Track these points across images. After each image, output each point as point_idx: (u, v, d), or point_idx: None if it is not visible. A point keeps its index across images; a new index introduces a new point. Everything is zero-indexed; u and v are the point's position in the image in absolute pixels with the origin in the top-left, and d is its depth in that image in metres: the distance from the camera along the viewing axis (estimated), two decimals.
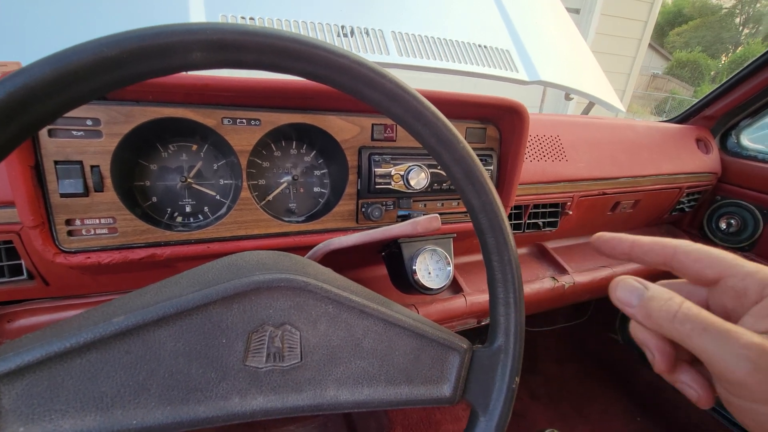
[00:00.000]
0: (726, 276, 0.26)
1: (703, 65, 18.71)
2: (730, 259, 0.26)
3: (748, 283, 0.25)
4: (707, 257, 0.27)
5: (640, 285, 0.27)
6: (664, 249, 0.28)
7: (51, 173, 0.44)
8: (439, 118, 0.32)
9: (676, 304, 0.25)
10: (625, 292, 0.27)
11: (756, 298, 0.25)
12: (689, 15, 24.41)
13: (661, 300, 0.25)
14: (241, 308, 0.30)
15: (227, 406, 0.30)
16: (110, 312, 0.29)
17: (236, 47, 0.26)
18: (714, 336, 0.22)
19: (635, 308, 0.27)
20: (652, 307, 0.25)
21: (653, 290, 0.26)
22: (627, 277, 0.28)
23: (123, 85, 0.25)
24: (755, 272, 0.25)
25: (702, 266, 0.27)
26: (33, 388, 0.25)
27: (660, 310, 0.25)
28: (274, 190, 0.59)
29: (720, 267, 0.26)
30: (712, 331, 0.23)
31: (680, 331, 0.24)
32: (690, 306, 0.24)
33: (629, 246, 0.30)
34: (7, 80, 0.22)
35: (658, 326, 0.25)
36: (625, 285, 0.27)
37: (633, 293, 0.27)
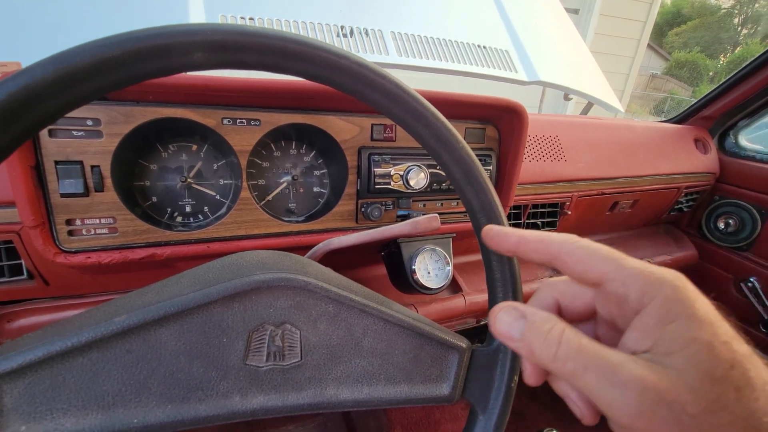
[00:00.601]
0: (606, 280, 0.23)
1: (701, 65, 18.75)
2: (611, 261, 0.23)
3: (628, 289, 0.22)
4: (589, 259, 0.24)
5: (519, 313, 0.24)
6: (547, 248, 0.25)
7: (51, 173, 0.45)
8: (439, 119, 0.32)
9: (555, 338, 0.22)
10: (504, 325, 0.24)
11: (636, 307, 0.22)
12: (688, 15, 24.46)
13: (541, 333, 0.22)
14: (242, 307, 0.30)
15: (228, 404, 0.30)
16: (111, 311, 0.29)
17: (237, 48, 0.26)
18: (595, 374, 0.20)
19: (518, 343, 0.23)
20: (533, 342, 0.22)
21: (532, 318, 0.23)
22: (506, 306, 0.25)
23: (124, 86, 0.25)
24: (635, 275, 0.22)
25: (583, 269, 0.24)
26: (35, 386, 0.25)
27: (541, 348, 0.22)
28: (273, 190, 0.59)
29: (601, 270, 0.23)
30: (592, 369, 0.20)
31: (563, 371, 0.21)
32: (570, 338, 0.21)
33: (515, 243, 0.27)
34: (8, 81, 0.22)
35: (543, 366, 0.22)
36: (504, 316, 0.24)
37: (514, 325, 0.24)
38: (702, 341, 0.19)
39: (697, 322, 0.20)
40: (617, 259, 0.23)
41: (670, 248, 1.23)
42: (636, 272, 0.22)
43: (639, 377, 0.19)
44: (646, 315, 0.21)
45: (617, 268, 0.23)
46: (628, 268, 0.22)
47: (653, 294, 0.21)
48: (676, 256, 1.18)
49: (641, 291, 0.22)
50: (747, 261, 1.17)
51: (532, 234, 0.26)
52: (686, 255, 1.21)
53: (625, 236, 1.21)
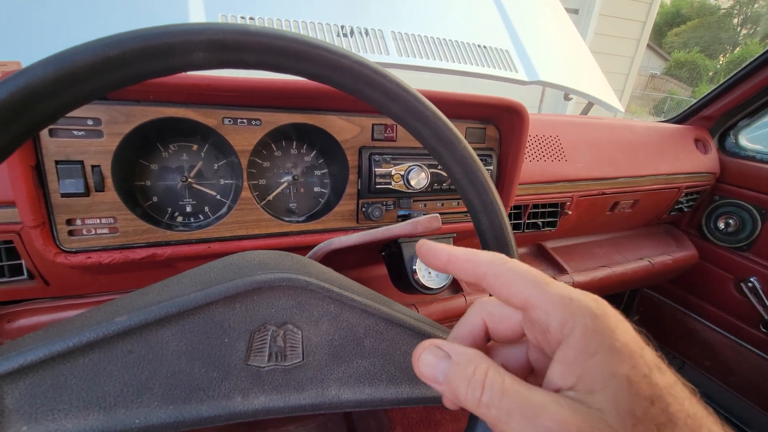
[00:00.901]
0: (529, 306, 0.22)
1: (701, 65, 18.77)
2: (535, 285, 0.22)
3: (549, 318, 0.21)
4: (514, 282, 0.23)
5: (443, 353, 0.22)
6: (474, 268, 0.24)
7: (52, 173, 0.44)
8: (440, 118, 0.32)
9: (479, 382, 0.20)
10: (427, 368, 0.22)
11: (558, 337, 0.21)
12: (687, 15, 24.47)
13: (465, 378, 0.21)
14: (244, 308, 0.30)
15: (229, 405, 0.30)
16: (113, 311, 0.29)
17: (238, 47, 0.26)
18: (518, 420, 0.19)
19: (443, 386, 0.22)
20: (458, 387, 0.21)
21: (456, 360, 0.22)
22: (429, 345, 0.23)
23: (125, 85, 0.25)
24: (556, 303, 0.21)
25: (508, 292, 0.23)
26: (36, 387, 0.25)
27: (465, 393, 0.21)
28: (274, 190, 0.59)
29: (525, 295, 0.22)
30: (515, 414, 0.19)
31: (487, 417, 0.20)
32: (493, 381, 0.20)
33: (445, 261, 0.26)
34: (9, 80, 0.22)
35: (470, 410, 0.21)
36: (428, 356, 0.23)
37: (438, 367, 0.22)
38: (621, 377, 0.19)
39: (616, 355, 0.19)
40: (541, 284, 0.22)
41: (670, 248, 1.23)
42: (557, 299, 0.21)
43: (561, 421, 0.18)
44: (568, 347, 0.20)
45: (540, 294, 0.22)
46: (550, 294, 0.21)
47: (573, 324, 0.20)
48: (676, 256, 1.18)
49: (561, 321, 0.21)
50: (747, 261, 1.17)
51: (462, 252, 0.25)
52: (686, 255, 1.21)
53: (626, 236, 1.21)
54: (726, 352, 1.25)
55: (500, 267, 0.23)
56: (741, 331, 1.20)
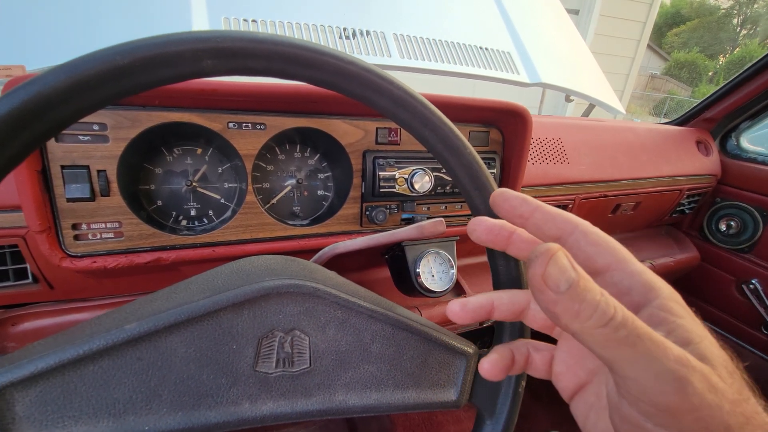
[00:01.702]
0: (613, 269, 0.24)
1: (700, 66, 18.78)
2: (622, 253, 0.24)
3: (633, 283, 0.23)
4: (603, 244, 0.24)
5: (571, 267, 0.20)
6: (565, 223, 0.25)
7: (58, 178, 0.45)
8: (446, 124, 0.32)
9: (611, 305, 0.19)
10: (556, 271, 0.20)
11: (640, 301, 0.23)
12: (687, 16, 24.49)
13: (595, 294, 0.19)
14: (251, 314, 0.30)
15: (238, 411, 0.30)
16: (122, 318, 0.29)
17: (246, 55, 0.26)
18: (644, 348, 0.19)
19: (561, 295, 0.20)
20: (585, 300, 0.19)
21: (585, 279, 0.20)
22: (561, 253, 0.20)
23: (134, 93, 0.25)
24: (640, 272, 0.23)
25: (595, 251, 0.24)
26: (47, 394, 0.25)
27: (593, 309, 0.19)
28: (278, 194, 0.59)
29: (611, 258, 0.24)
30: (645, 340, 0.19)
31: (613, 337, 0.19)
32: (624, 309, 0.20)
33: (532, 209, 0.25)
34: (21, 88, 0.22)
35: (580, 328, 0.20)
36: (558, 262, 0.20)
37: (564, 274, 0.20)
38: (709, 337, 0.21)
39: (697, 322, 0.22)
40: (626, 253, 0.24)
41: (671, 250, 1.23)
42: (640, 269, 0.24)
43: (687, 359, 0.19)
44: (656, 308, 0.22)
45: (626, 261, 0.24)
46: (634, 264, 0.24)
47: (657, 292, 0.22)
48: (678, 258, 1.18)
49: (646, 287, 0.23)
50: (749, 263, 1.17)
51: (551, 207, 0.26)
52: (688, 257, 1.22)
53: (628, 238, 1.21)
54: None
55: (589, 228, 0.25)
56: (742, 333, 1.20)
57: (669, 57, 20.32)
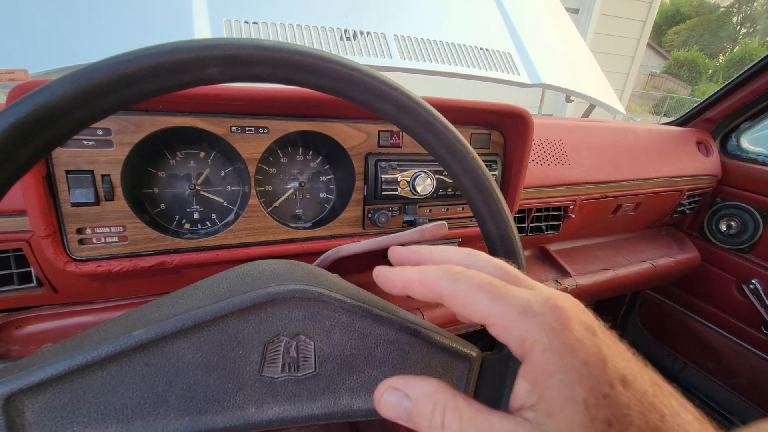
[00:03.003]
0: (489, 324, 0.22)
1: (700, 64, 18.76)
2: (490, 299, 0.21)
3: (509, 335, 0.21)
4: (469, 300, 0.22)
5: (402, 394, 0.23)
6: (430, 291, 0.24)
7: (62, 183, 0.45)
8: (449, 129, 0.32)
9: (438, 422, 0.21)
10: (391, 409, 0.24)
11: (520, 354, 0.21)
12: (687, 14, 24.47)
13: (425, 416, 0.22)
14: (257, 319, 0.31)
15: (244, 415, 0.30)
16: (129, 324, 0.29)
17: (251, 62, 0.27)
18: None
19: (408, 423, 0.23)
20: (421, 424, 0.22)
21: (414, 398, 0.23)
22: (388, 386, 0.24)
23: (141, 101, 0.25)
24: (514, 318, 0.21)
25: (467, 312, 0.22)
26: (55, 401, 0.26)
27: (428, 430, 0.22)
28: (281, 197, 0.60)
29: (482, 312, 0.22)
30: None
31: None
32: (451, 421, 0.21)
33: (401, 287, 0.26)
34: (28, 98, 0.22)
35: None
36: (389, 397, 0.24)
37: (400, 407, 0.23)
38: (578, 401, 0.18)
39: (573, 376, 0.19)
40: (498, 296, 0.21)
41: (672, 250, 1.23)
42: (514, 314, 0.21)
43: None
44: (529, 364, 0.20)
45: (497, 308, 0.21)
46: (507, 308, 0.21)
47: (531, 341, 0.20)
48: (678, 258, 1.19)
49: (520, 338, 0.20)
50: (749, 263, 1.17)
51: (415, 275, 0.25)
52: (689, 257, 1.22)
53: (628, 238, 1.22)
54: (728, 353, 1.25)
55: (453, 285, 0.23)
56: (743, 333, 1.21)
57: (669, 55, 20.30)
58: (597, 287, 0.99)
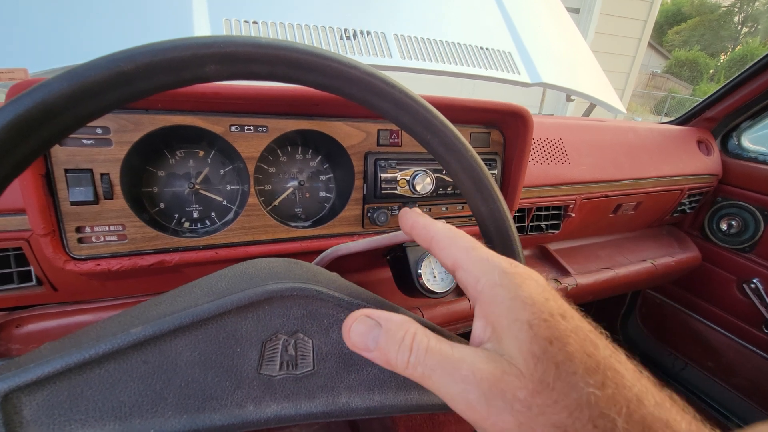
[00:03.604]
0: (456, 267, 0.24)
1: (701, 64, 18.73)
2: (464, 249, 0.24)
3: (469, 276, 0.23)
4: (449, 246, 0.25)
5: (374, 322, 0.24)
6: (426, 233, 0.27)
7: (61, 181, 0.45)
8: (448, 127, 0.32)
9: (407, 345, 0.22)
10: (358, 336, 0.24)
11: (474, 294, 0.23)
12: (688, 14, 24.43)
13: (396, 341, 0.22)
14: (255, 317, 0.31)
15: (242, 413, 0.30)
16: (127, 322, 0.29)
17: (249, 60, 0.26)
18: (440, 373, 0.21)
19: (374, 353, 0.23)
20: (389, 351, 0.22)
21: (387, 326, 0.23)
22: (360, 315, 0.24)
23: (138, 99, 0.25)
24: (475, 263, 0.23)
25: (444, 255, 0.25)
26: (53, 398, 0.26)
27: (396, 356, 0.22)
28: (280, 196, 0.60)
29: (455, 256, 0.24)
30: (437, 369, 0.21)
31: (414, 375, 0.22)
32: (419, 342, 0.22)
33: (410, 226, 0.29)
34: (26, 96, 0.22)
35: (398, 372, 0.22)
36: (359, 326, 0.24)
37: (369, 335, 0.23)
38: (522, 322, 0.20)
39: (518, 304, 0.21)
40: (469, 248, 0.24)
41: (673, 249, 1.23)
42: (476, 260, 0.23)
43: (476, 369, 0.20)
44: (481, 301, 0.22)
45: (465, 256, 0.24)
46: (471, 256, 0.24)
47: (484, 280, 0.22)
48: (679, 258, 1.18)
49: (476, 277, 0.23)
50: (750, 262, 1.17)
51: (422, 220, 0.28)
52: (689, 257, 1.22)
53: (629, 238, 1.22)
54: (728, 353, 1.25)
55: (442, 233, 0.26)
56: (743, 333, 1.20)
57: (670, 55, 20.27)
58: (597, 286, 0.99)
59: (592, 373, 0.19)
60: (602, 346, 0.20)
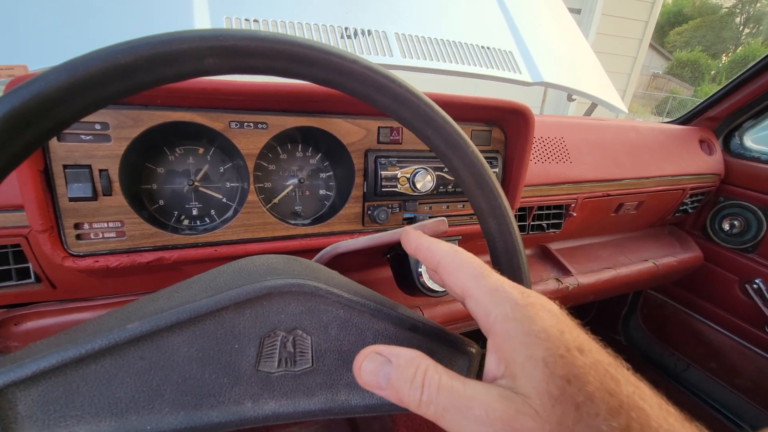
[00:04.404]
0: (465, 297, 0.24)
1: (703, 65, 18.70)
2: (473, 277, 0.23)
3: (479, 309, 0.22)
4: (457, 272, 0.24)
5: (384, 359, 0.23)
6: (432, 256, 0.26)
7: (60, 177, 0.44)
8: (449, 123, 0.32)
9: (419, 382, 0.21)
10: (370, 375, 0.23)
11: (486, 327, 0.22)
12: (689, 14, 24.40)
13: (407, 380, 0.22)
14: (254, 313, 0.30)
15: (240, 411, 0.30)
16: (124, 318, 0.29)
17: (248, 53, 0.26)
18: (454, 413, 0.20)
19: (386, 391, 0.23)
20: (401, 389, 0.22)
21: (397, 363, 0.23)
22: (369, 352, 0.24)
23: (136, 92, 0.25)
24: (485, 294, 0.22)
25: (451, 281, 0.24)
26: (49, 394, 0.25)
27: (408, 394, 0.22)
28: (280, 193, 0.59)
29: (463, 285, 0.24)
30: (450, 408, 0.20)
31: (427, 414, 0.21)
32: (431, 379, 0.21)
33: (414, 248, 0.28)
34: (23, 87, 0.22)
35: (411, 410, 0.22)
36: (369, 365, 0.23)
37: (380, 373, 0.23)
38: (537, 359, 0.19)
39: (532, 339, 0.20)
40: (479, 276, 0.23)
41: (674, 249, 1.22)
42: (486, 290, 0.22)
43: (489, 408, 0.19)
44: (494, 335, 0.21)
45: (475, 285, 0.23)
46: (482, 285, 0.23)
47: (496, 313, 0.21)
48: (680, 258, 1.18)
49: (487, 310, 0.22)
50: (752, 262, 1.16)
51: (426, 242, 0.27)
52: (691, 257, 1.21)
53: (630, 237, 1.21)
54: (731, 353, 1.24)
55: (449, 257, 0.25)
56: (746, 333, 1.20)
57: (671, 56, 20.25)
58: (599, 286, 0.98)
59: (615, 414, 0.18)
60: (624, 381, 0.19)
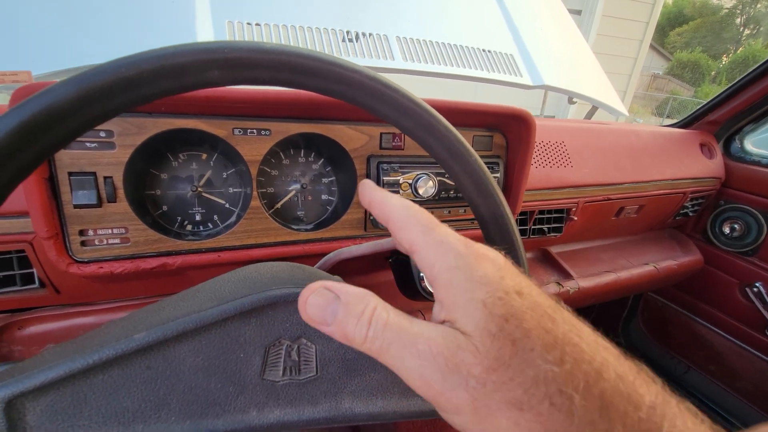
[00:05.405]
0: (413, 250, 0.24)
1: (703, 66, 18.69)
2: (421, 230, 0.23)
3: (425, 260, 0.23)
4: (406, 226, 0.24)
5: (333, 294, 0.23)
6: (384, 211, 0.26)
7: (65, 184, 0.45)
8: (451, 131, 0.32)
9: (366, 319, 0.21)
10: (316, 309, 0.23)
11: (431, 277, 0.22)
12: (690, 15, 24.40)
13: (355, 315, 0.22)
14: (258, 323, 0.31)
15: (245, 419, 0.30)
16: (130, 327, 0.29)
17: (253, 65, 0.26)
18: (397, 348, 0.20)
19: (331, 327, 0.22)
20: (347, 325, 0.22)
21: (346, 299, 0.22)
22: (317, 287, 0.23)
23: (141, 104, 0.25)
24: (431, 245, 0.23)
25: (401, 236, 0.24)
26: (57, 404, 0.26)
27: (354, 330, 0.21)
28: (282, 199, 0.60)
29: (412, 238, 0.24)
30: (395, 343, 0.21)
31: (371, 350, 0.21)
32: (379, 316, 0.21)
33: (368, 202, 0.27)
34: (32, 101, 0.22)
35: (355, 347, 0.22)
36: (316, 299, 0.23)
37: (327, 309, 0.22)
38: (476, 300, 0.20)
39: (474, 284, 0.21)
40: (427, 229, 0.23)
41: (675, 253, 1.22)
42: (432, 243, 0.23)
43: (433, 345, 0.20)
44: (438, 284, 0.22)
45: (422, 238, 0.23)
46: (428, 239, 0.23)
47: (440, 264, 0.22)
48: (681, 261, 1.18)
49: (432, 261, 0.22)
50: (752, 266, 1.17)
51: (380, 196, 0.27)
52: (692, 260, 1.21)
53: (631, 241, 1.21)
54: (731, 357, 1.24)
55: (399, 212, 0.25)
56: (746, 336, 1.20)
57: (671, 57, 20.25)
58: (599, 289, 0.99)
59: (549, 349, 0.19)
60: (561, 320, 0.20)
